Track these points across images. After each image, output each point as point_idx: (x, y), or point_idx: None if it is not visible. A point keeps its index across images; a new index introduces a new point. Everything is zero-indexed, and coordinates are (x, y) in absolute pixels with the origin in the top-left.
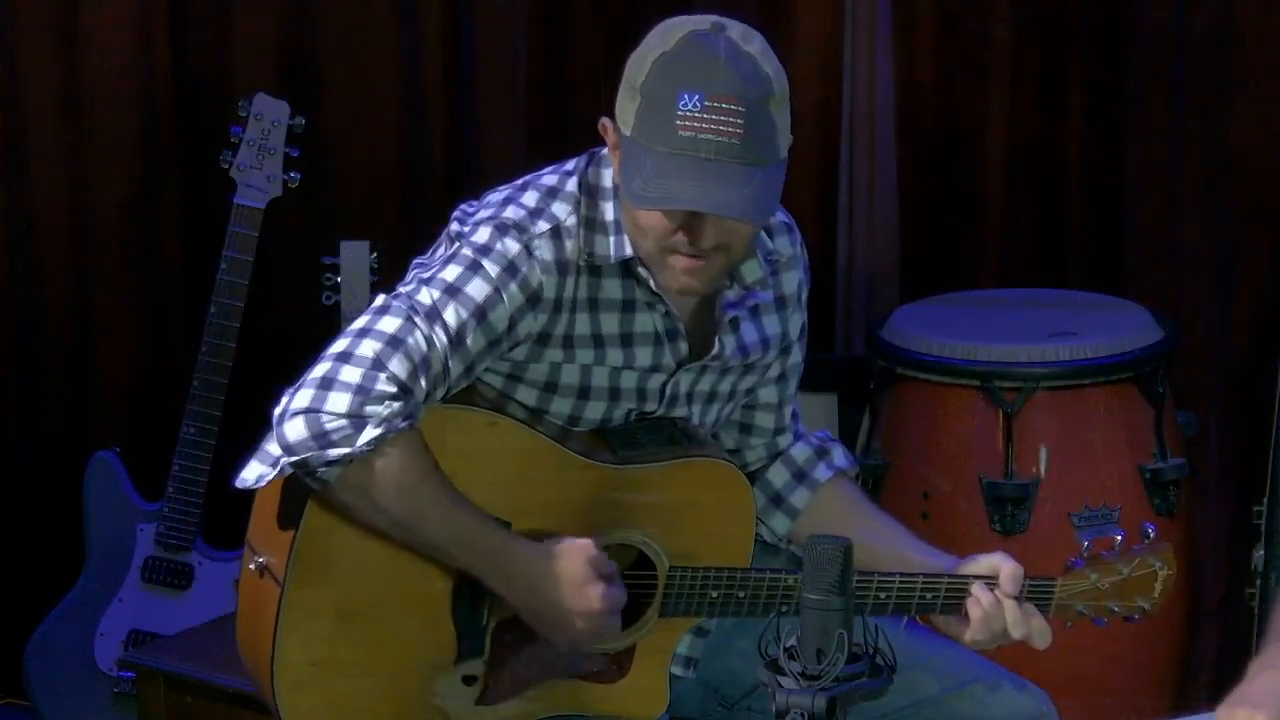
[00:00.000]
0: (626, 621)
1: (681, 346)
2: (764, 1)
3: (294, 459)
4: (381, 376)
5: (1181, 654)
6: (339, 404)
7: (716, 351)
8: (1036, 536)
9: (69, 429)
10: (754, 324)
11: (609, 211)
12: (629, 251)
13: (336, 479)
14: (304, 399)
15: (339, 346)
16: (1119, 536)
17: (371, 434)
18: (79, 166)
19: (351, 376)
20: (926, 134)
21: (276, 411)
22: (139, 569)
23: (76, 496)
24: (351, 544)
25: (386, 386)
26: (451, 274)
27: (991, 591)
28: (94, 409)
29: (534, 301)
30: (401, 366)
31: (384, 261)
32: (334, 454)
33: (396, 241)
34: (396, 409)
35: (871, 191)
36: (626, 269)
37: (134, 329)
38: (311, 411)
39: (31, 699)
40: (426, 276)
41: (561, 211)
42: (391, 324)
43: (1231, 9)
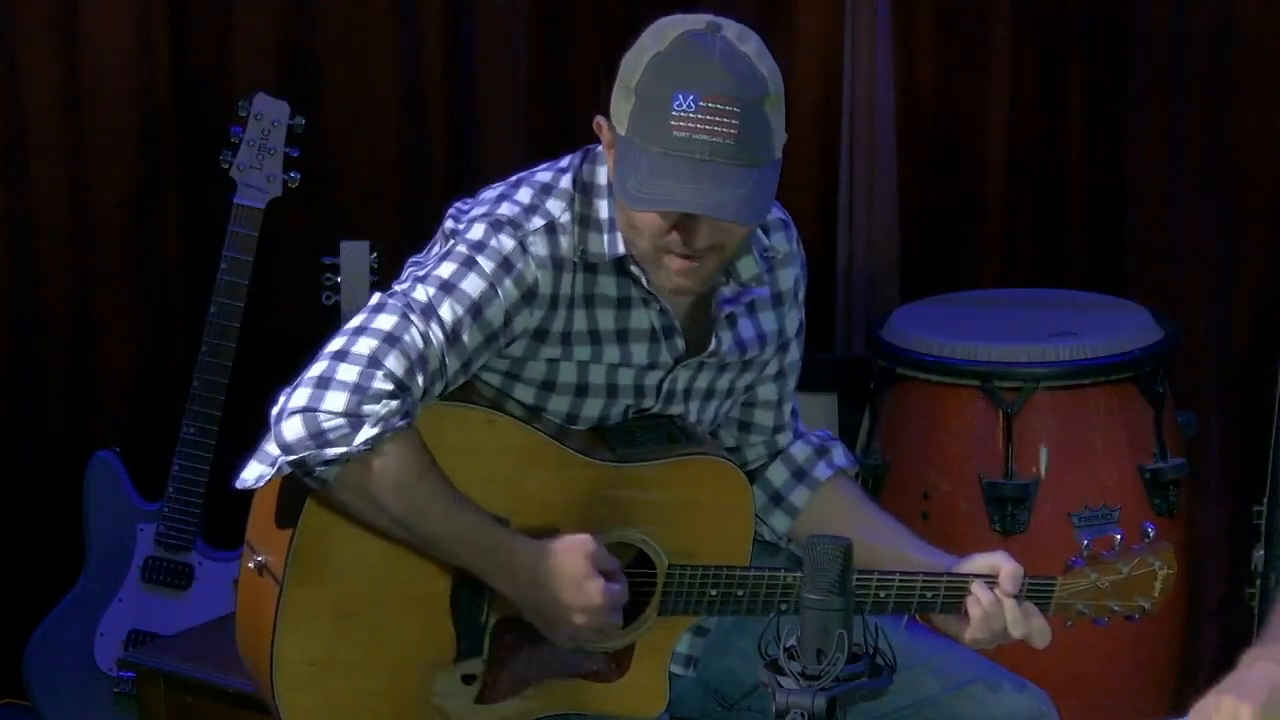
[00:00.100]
0: (626, 620)
1: (678, 343)
2: (764, 1)
3: (292, 458)
4: (378, 374)
5: (1181, 654)
6: (336, 403)
7: (713, 348)
8: (1036, 536)
9: (69, 429)
10: (751, 320)
11: (603, 209)
12: (623, 249)
13: (335, 478)
14: (301, 398)
15: (335, 345)
16: (1119, 536)
17: (369, 433)
18: (79, 166)
19: (348, 375)
20: (926, 134)
21: (274, 411)
22: (139, 569)
23: (76, 496)
24: (350, 543)
25: (383, 384)
26: (447, 271)
27: (991, 590)
28: (94, 409)
29: (529, 297)
30: (398, 364)
31: (384, 261)
32: (331, 453)
33: (396, 241)
34: (394, 407)
35: (871, 191)
36: (621, 266)
37: (134, 329)
38: (309, 410)
39: (31, 699)
40: (422, 274)
41: (556, 208)
42: (388, 321)
43: (1231, 9)
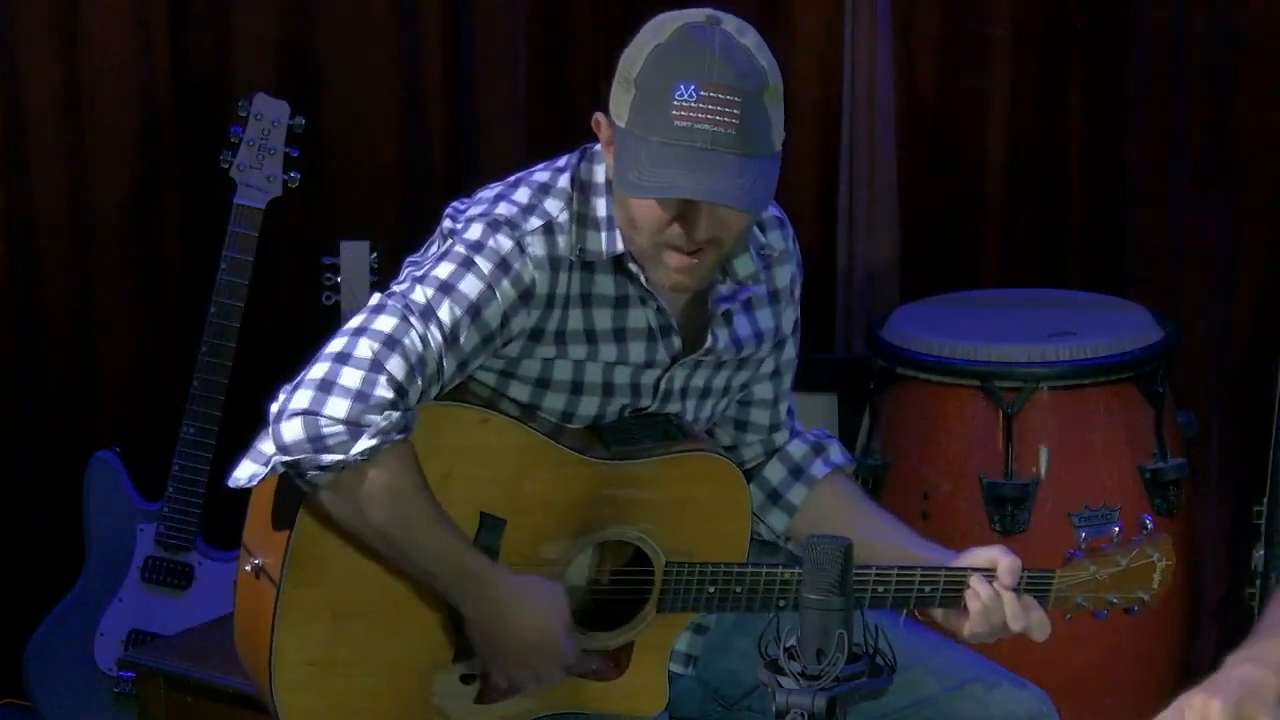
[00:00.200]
0: (624, 620)
1: (675, 342)
2: (764, 1)
3: (287, 459)
4: (381, 380)
5: (1181, 654)
6: (338, 409)
7: (709, 345)
8: (1036, 536)
9: (69, 429)
10: (747, 318)
11: (601, 207)
12: (621, 247)
13: (326, 483)
14: (303, 400)
15: (336, 346)
16: (1116, 528)
17: (366, 444)
18: (79, 166)
19: (351, 380)
20: (926, 134)
21: (274, 409)
22: (139, 569)
23: (76, 496)
24: (347, 544)
25: (385, 392)
26: (445, 271)
27: (990, 584)
28: (94, 409)
29: (527, 298)
30: (399, 368)
31: (384, 261)
32: (328, 459)
33: (396, 241)
34: (394, 420)
35: (871, 191)
36: (619, 264)
37: (134, 329)
38: (310, 414)
39: (31, 699)
40: (420, 274)
41: (554, 207)
42: (388, 323)
43: (1231, 9)
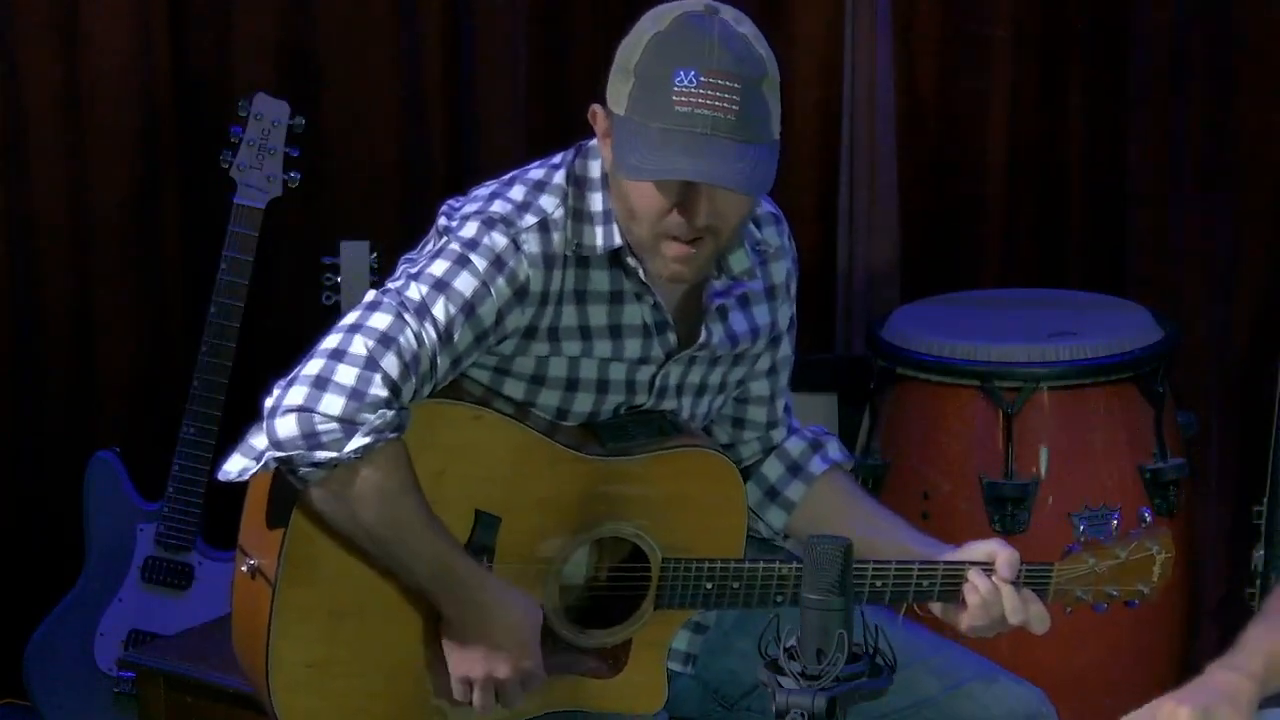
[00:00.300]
0: (621, 617)
1: (670, 338)
2: (764, 1)
3: (281, 455)
4: (376, 378)
5: (1182, 654)
6: (333, 406)
7: (704, 340)
8: (1036, 536)
9: (69, 429)
10: (743, 314)
11: (597, 202)
12: (618, 241)
13: (318, 480)
14: (298, 396)
15: (331, 343)
16: (1115, 521)
17: (360, 442)
18: (79, 166)
19: (346, 378)
20: (926, 134)
21: (268, 404)
22: (139, 569)
23: (76, 496)
24: (342, 543)
25: (380, 390)
26: (439, 269)
27: (988, 577)
28: (94, 409)
29: (521, 295)
30: (394, 366)
31: (384, 261)
32: (321, 456)
33: (396, 241)
34: (388, 419)
35: (871, 191)
36: (615, 260)
37: (134, 329)
38: (305, 410)
39: (31, 699)
40: (415, 272)
41: (549, 204)
42: (383, 320)
43: (1231, 9)
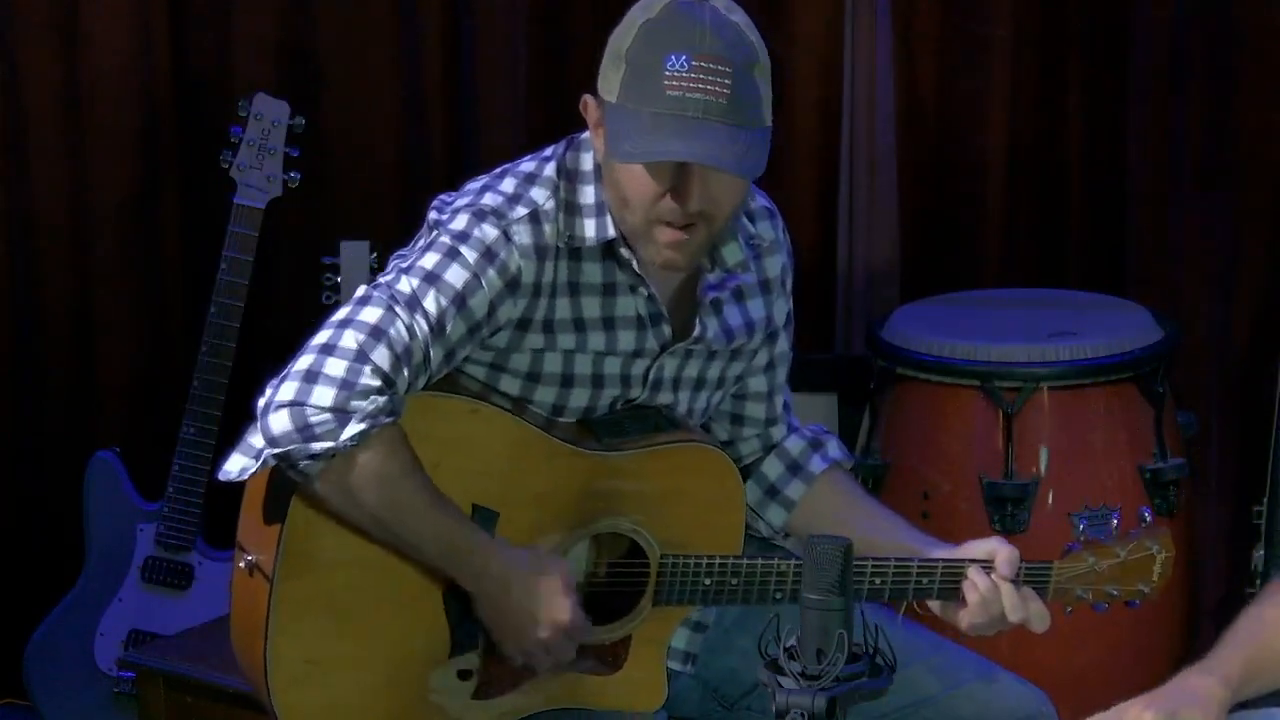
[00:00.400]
0: (620, 613)
1: (664, 330)
2: (764, 1)
3: (277, 451)
4: (366, 369)
5: (1182, 654)
6: (324, 398)
7: (698, 333)
8: (1036, 536)
9: (69, 429)
10: (738, 307)
11: (589, 195)
12: (611, 232)
13: (318, 473)
14: (289, 391)
15: (322, 338)
16: (1115, 520)
17: (355, 429)
18: (79, 166)
19: (336, 370)
20: (926, 134)
21: (261, 403)
22: (139, 569)
23: (76, 496)
24: (340, 537)
25: (370, 380)
26: (430, 262)
27: (988, 575)
28: (94, 409)
29: (513, 287)
30: (385, 358)
31: (384, 261)
32: (317, 447)
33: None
34: (381, 404)
35: (871, 191)
36: (608, 251)
37: (134, 329)
38: (296, 404)
39: (31, 699)
40: (405, 265)
41: (540, 196)
42: (373, 314)
43: (1231, 9)
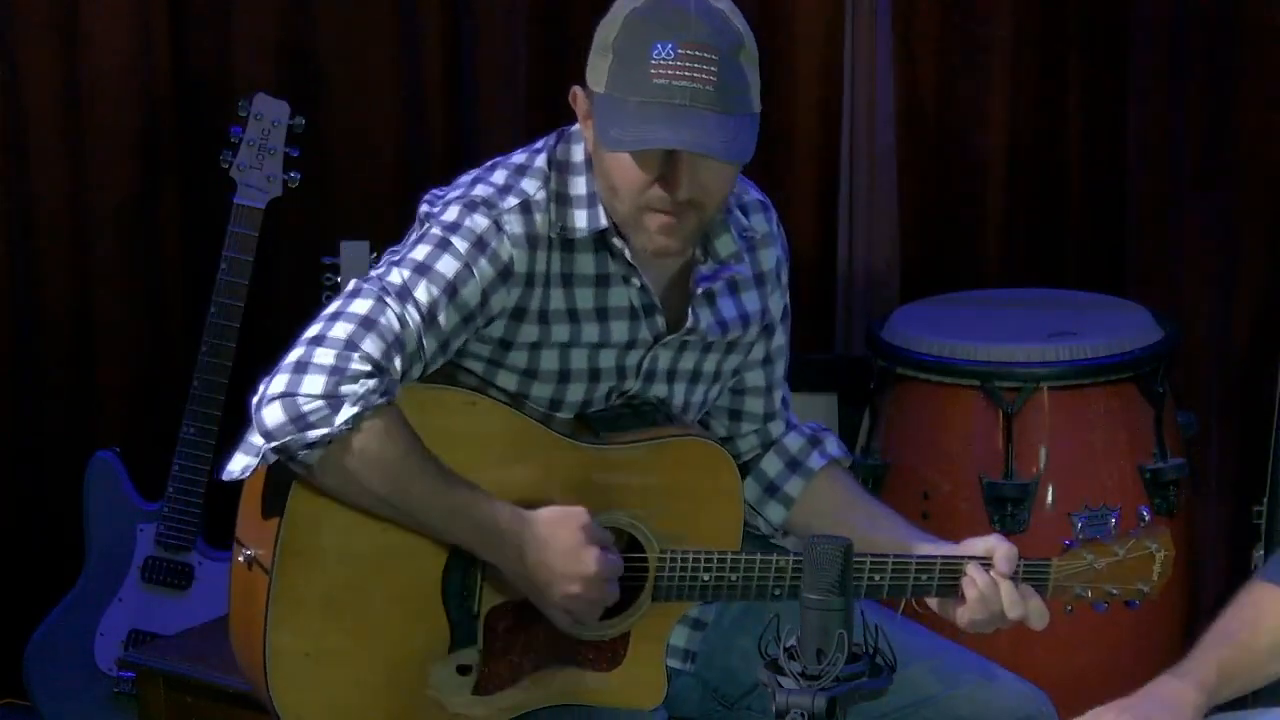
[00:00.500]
0: (618, 609)
1: (658, 321)
2: (764, 1)
3: (274, 444)
4: (355, 356)
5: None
6: (314, 385)
7: (691, 324)
8: (1036, 536)
9: (69, 429)
10: (732, 300)
11: (580, 186)
12: (603, 222)
13: (318, 461)
14: (280, 384)
15: (312, 331)
16: (1114, 520)
17: (348, 412)
18: (79, 166)
19: (325, 359)
20: (926, 134)
21: (254, 399)
22: (139, 569)
23: (76, 496)
24: (338, 531)
25: (360, 365)
26: (421, 253)
27: (987, 572)
28: (94, 409)
29: (505, 276)
30: (375, 346)
31: None
32: (313, 435)
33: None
34: (372, 386)
35: (871, 191)
36: (600, 242)
37: (134, 329)
38: (287, 395)
39: (31, 699)
40: (397, 258)
41: (531, 187)
42: (363, 305)
43: (1231, 9)
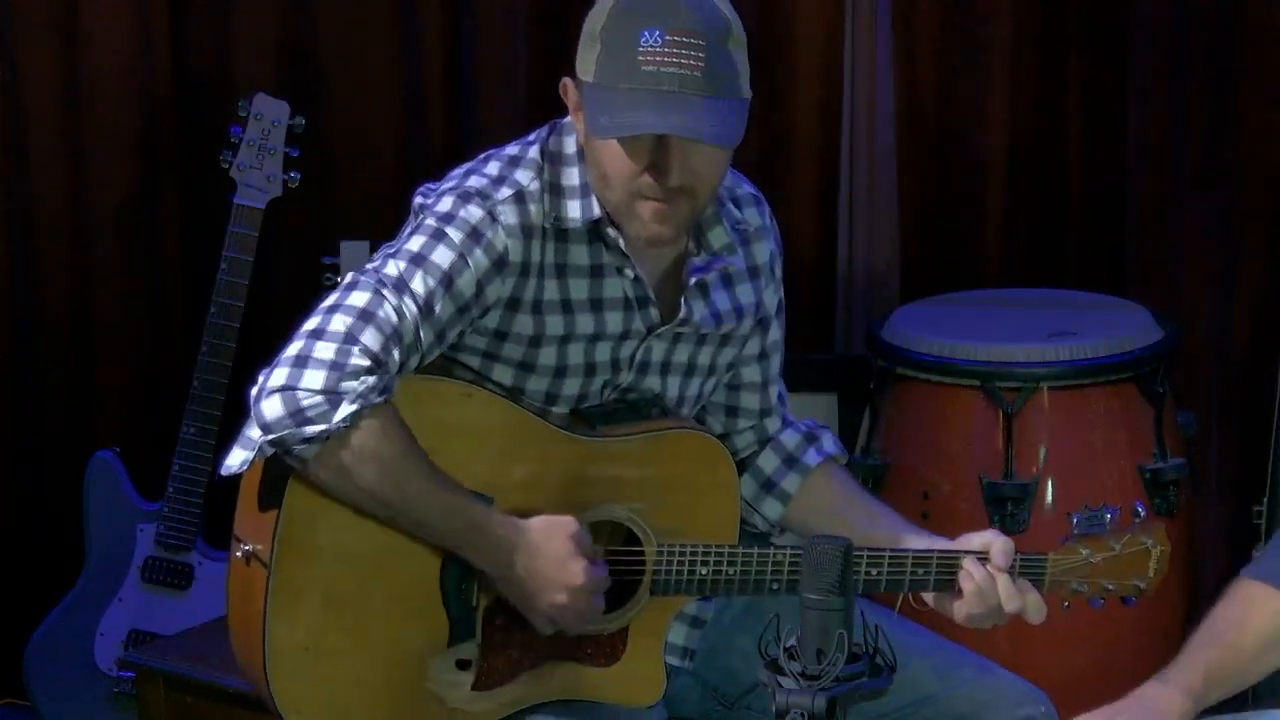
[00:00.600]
0: (617, 603)
1: (652, 313)
2: (764, 1)
3: (272, 437)
4: (355, 350)
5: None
6: (314, 380)
7: (684, 315)
8: (1036, 536)
9: (69, 429)
10: (726, 292)
11: (573, 176)
12: (597, 212)
13: (314, 456)
14: (280, 377)
15: (311, 324)
16: (1109, 515)
17: (347, 410)
18: (79, 166)
19: (325, 353)
20: (927, 134)
21: (253, 391)
22: (139, 569)
23: (76, 496)
24: (336, 524)
25: (360, 360)
26: (416, 244)
27: (983, 565)
28: (94, 409)
29: (500, 266)
30: (374, 339)
31: None
32: (311, 431)
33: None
34: (371, 384)
35: (871, 191)
36: (594, 233)
37: (134, 329)
38: (287, 389)
39: (31, 699)
40: (393, 250)
41: (524, 177)
42: (361, 298)
43: (1231, 8)
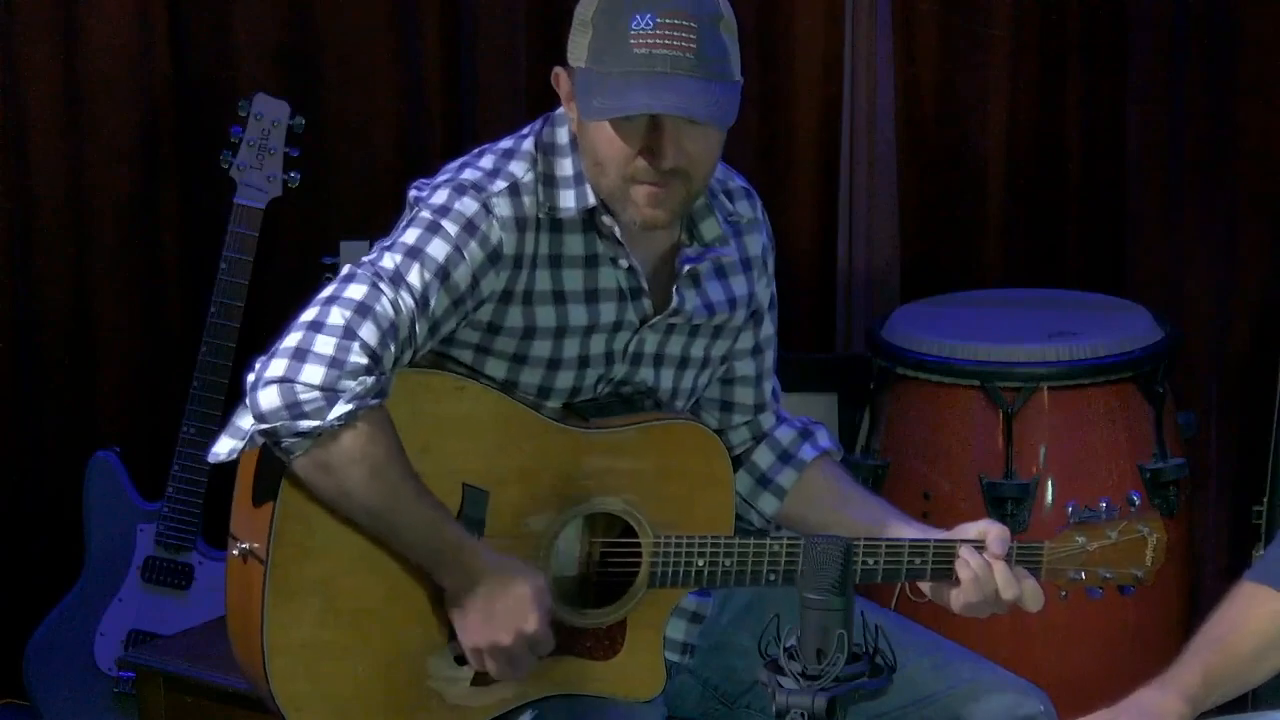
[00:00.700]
0: (613, 597)
1: (645, 304)
2: (764, 1)
3: (264, 427)
4: (354, 346)
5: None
6: (313, 375)
7: (676, 304)
8: (1036, 536)
9: (69, 429)
10: (720, 283)
11: (567, 167)
12: (591, 201)
13: (303, 451)
14: (278, 368)
15: (309, 315)
16: (1104, 504)
17: (342, 409)
18: (79, 166)
19: (325, 347)
20: (927, 134)
21: (249, 379)
22: (139, 569)
23: (76, 496)
24: (332, 519)
25: (359, 358)
26: (412, 237)
27: (980, 554)
28: (94, 409)
29: (495, 258)
30: (372, 334)
31: None
32: (304, 425)
33: None
34: (369, 385)
35: (871, 191)
36: (589, 222)
37: (134, 329)
38: (286, 381)
39: (31, 699)
40: (388, 244)
41: (519, 169)
42: (359, 291)
43: (1230, 7)
